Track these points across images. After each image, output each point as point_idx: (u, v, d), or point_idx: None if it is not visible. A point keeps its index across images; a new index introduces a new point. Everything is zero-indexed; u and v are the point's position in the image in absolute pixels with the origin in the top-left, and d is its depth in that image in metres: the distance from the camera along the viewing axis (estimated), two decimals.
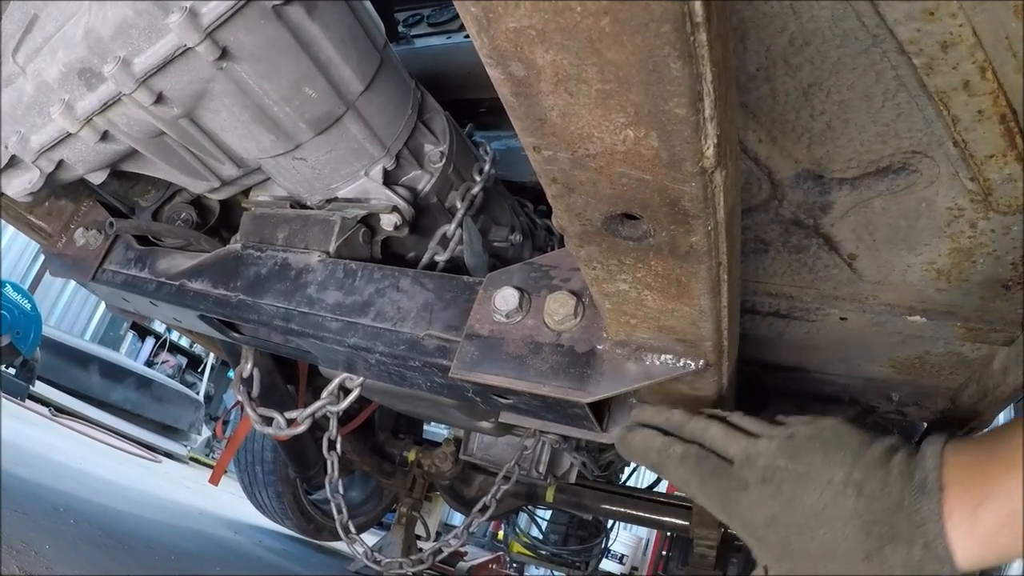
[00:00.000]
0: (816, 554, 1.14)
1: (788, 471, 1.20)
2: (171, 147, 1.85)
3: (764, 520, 1.20)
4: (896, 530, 1.07)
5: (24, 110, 1.70)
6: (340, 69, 1.71)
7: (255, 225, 2.07)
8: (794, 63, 1.23)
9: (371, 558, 3.21)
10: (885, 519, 1.08)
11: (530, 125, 0.85)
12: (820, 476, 1.16)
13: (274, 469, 5.00)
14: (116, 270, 2.30)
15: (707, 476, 1.29)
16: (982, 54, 1.09)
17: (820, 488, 1.15)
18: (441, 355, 1.64)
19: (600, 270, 1.15)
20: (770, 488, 1.20)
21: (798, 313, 1.90)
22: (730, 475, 1.26)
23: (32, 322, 9.41)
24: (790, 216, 1.58)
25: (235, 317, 1.99)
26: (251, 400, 2.46)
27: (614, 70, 0.73)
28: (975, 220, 1.43)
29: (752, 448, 1.26)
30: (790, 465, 1.20)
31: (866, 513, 1.10)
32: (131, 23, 1.50)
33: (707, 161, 0.83)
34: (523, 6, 0.68)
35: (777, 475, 1.20)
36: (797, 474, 1.18)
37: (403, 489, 4.74)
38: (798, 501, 1.16)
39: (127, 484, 5.76)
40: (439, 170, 1.99)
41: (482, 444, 3.82)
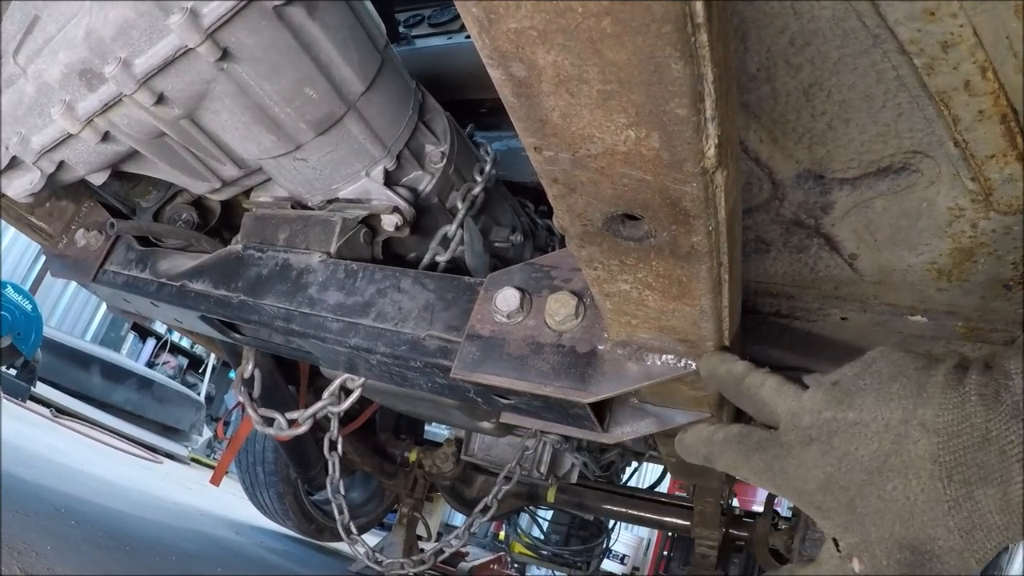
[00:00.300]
0: (890, 513, 0.96)
1: (837, 421, 1.03)
2: (172, 148, 1.85)
3: (819, 484, 1.04)
4: (987, 470, 0.90)
5: (25, 111, 1.70)
6: (341, 70, 1.71)
7: (256, 226, 2.07)
8: (795, 63, 1.23)
9: (372, 559, 3.21)
10: (970, 459, 0.91)
11: (531, 126, 0.85)
12: (876, 419, 1.00)
13: (275, 470, 5.00)
14: (117, 271, 2.30)
15: (751, 452, 1.14)
16: (983, 54, 1.09)
17: (878, 434, 0.99)
18: (442, 355, 1.64)
19: (601, 270, 1.15)
20: (819, 446, 1.04)
21: (799, 313, 1.90)
22: (774, 443, 1.11)
23: (33, 323, 9.42)
24: (791, 216, 1.58)
25: (236, 318, 1.99)
26: (252, 401, 2.46)
27: (615, 71, 0.73)
28: (976, 220, 1.42)
29: (796, 405, 1.10)
30: (838, 414, 1.04)
31: (945, 455, 0.92)
32: (132, 24, 1.50)
33: (708, 161, 0.83)
34: (524, 7, 0.68)
35: (825, 429, 1.04)
36: (848, 423, 1.02)
37: (404, 490, 4.75)
38: (854, 455, 1.00)
39: (128, 485, 5.76)
40: (440, 170, 1.99)
41: (483, 444, 3.83)
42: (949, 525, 0.92)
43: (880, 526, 0.98)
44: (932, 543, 0.94)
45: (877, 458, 0.98)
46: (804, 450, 1.06)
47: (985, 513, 0.90)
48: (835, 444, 1.02)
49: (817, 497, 1.05)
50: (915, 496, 0.94)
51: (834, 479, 1.02)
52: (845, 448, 1.01)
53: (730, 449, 1.18)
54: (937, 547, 0.94)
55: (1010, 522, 0.90)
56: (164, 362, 18.60)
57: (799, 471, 1.06)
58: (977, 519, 0.91)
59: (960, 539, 0.92)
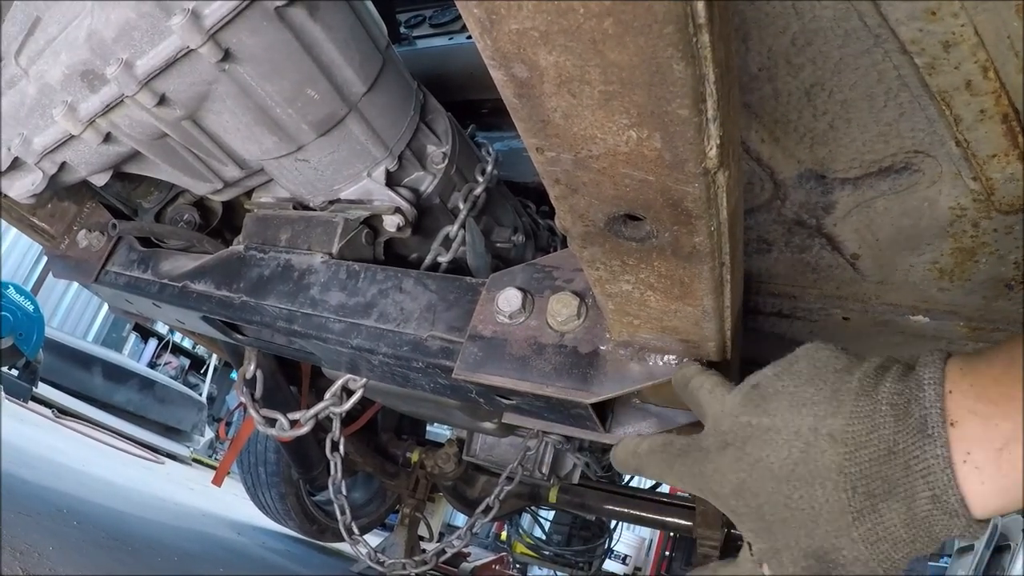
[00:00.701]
0: (795, 522, 0.96)
1: (752, 427, 1.03)
2: (174, 149, 1.85)
3: (733, 489, 1.03)
4: (892, 484, 0.89)
5: (27, 112, 1.70)
6: (342, 70, 1.71)
7: (258, 226, 2.07)
8: (796, 63, 1.23)
9: (374, 559, 3.22)
10: (875, 472, 0.90)
11: (533, 126, 0.85)
12: (788, 426, 0.99)
13: (277, 470, 5.01)
14: (119, 272, 2.30)
15: (674, 459, 1.14)
16: (984, 54, 1.09)
17: (788, 441, 0.98)
18: (444, 356, 1.64)
19: (603, 271, 1.15)
20: (734, 451, 1.04)
21: (801, 313, 1.90)
22: (696, 447, 1.11)
23: (35, 324, 9.43)
24: (793, 216, 1.58)
25: (238, 319, 1.99)
26: (254, 401, 2.46)
27: (617, 71, 0.73)
28: (978, 219, 1.42)
29: (719, 408, 1.11)
30: (753, 419, 1.03)
31: (850, 467, 0.92)
32: (134, 25, 1.50)
33: (710, 162, 0.83)
34: (526, 8, 0.69)
35: (740, 434, 1.04)
36: (762, 428, 1.02)
37: (406, 490, 4.75)
38: (764, 462, 0.99)
39: (130, 486, 5.76)
40: (442, 171, 1.99)
41: (485, 445, 3.83)
42: (853, 536, 0.92)
43: (786, 534, 0.98)
44: (836, 552, 0.94)
45: (786, 466, 0.97)
46: (720, 455, 1.06)
47: (890, 526, 0.90)
48: (748, 450, 1.02)
49: (731, 502, 1.05)
50: (820, 506, 0.94)
51: (746, 485, 1.02)
52: (757, 455, 1.01)
53: (655, 459, 1.19)
54: (842, 556, 0.94)
55: (916, 535, 0.90)
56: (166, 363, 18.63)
57: (716, 475, 1.06)
58: (882, 531, 0.91)
59: (865, 549, 0.92)
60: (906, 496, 0.88)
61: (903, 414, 0.91)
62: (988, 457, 0.84)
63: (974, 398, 0.88)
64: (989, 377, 0.88)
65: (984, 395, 0.87)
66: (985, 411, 0.86)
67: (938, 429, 0.87)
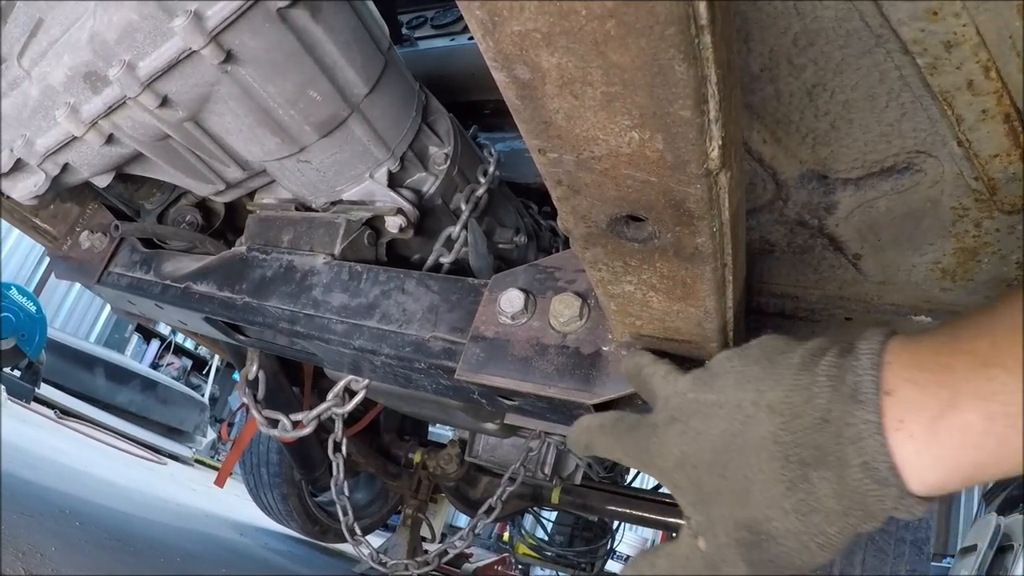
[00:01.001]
0: (729, 493, 0.96)
1: (698, 403, 1.03)
2: (176, 150, 1.85)
3: (675, 462, 1.03)
4: (823, 452, 0.88)
5: (29, 113, 1.70)
6: (344, 72, 1.71)
7: (260, 227, 2.07)
8: (798, 63, 1.23)
9: (377, 560, 3.22)
10: (808, 440, 0.89)
11: (535, 128, 0.85)
12: (730, 401, 0.99)
13: (279, 471, 5.01)
14: (121, 273, 2.30)
15: (623, 435, 1.15)
16: (986, 53, 1.09)
17: (730, 415, 0.98)
18: (447, 357, 1.64)
19: (605, 272, 1.15)
20: (679, 426, 1.04)
21: (803, 313, 1.90)
22: (644, 424, 1.12)
23: (37, 324, 9.44)
24: (795, 217, 1.58)
25: (240, 319, 1.99)
26: (256, 402, 2.46)
27: (619, 73, 0.73)
28: (980, 219, 1.42)
29: (671, 389, 1.11)
30: (700, 395, 1.04)
31: (783, 435, 0.91)
32: (136, 27, 1.50)
33: (712, 163, 0.83)
34: (528, 9, 0.69)
35: (687, 410, 1.05)
36: (707, 404, 1.02)
37: (408, 491, 4.74)
38: (706, 435, 1.00)
39: (132, 486, 5.77)
40: (444, 172, 1.99)
41: (487, 445, 3.83)
42: (785, 507, 0.91)
43: (721, 505, 0.97)
44: (768, 523, 0.93)
45: (724, 438, 0.97)
46: (667, 430, 1.06)
47: (821, 496, 0.88)
48: (692, 424, 1.03)
49: (673, 475, 1.05)
50: (754, 476, 0.93)
51: (687, 458, 1.02)
52: (699, 428, 1.01)
53: (605, 434, 1.19)
54: (773, 528, 0.93)
55: (848, 507, 0.88)
56: (168, 363, 18.62)
57: (660, 449, 1.06)
58: (813, 502, 0.89)
59: (797, 521, 0.91)
60: (837, 464, 0.87)
61: (839, 384, 0.89)
62: (923, 425, 0.83)
63: (913, 367, 0.86)
64: (930, 349, 0.87)
65: (922, 364, 0.86)
66: (921, 379, 0.85)
67: (870, 396, 0.86)
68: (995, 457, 0.80)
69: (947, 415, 0.81)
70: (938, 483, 0.83)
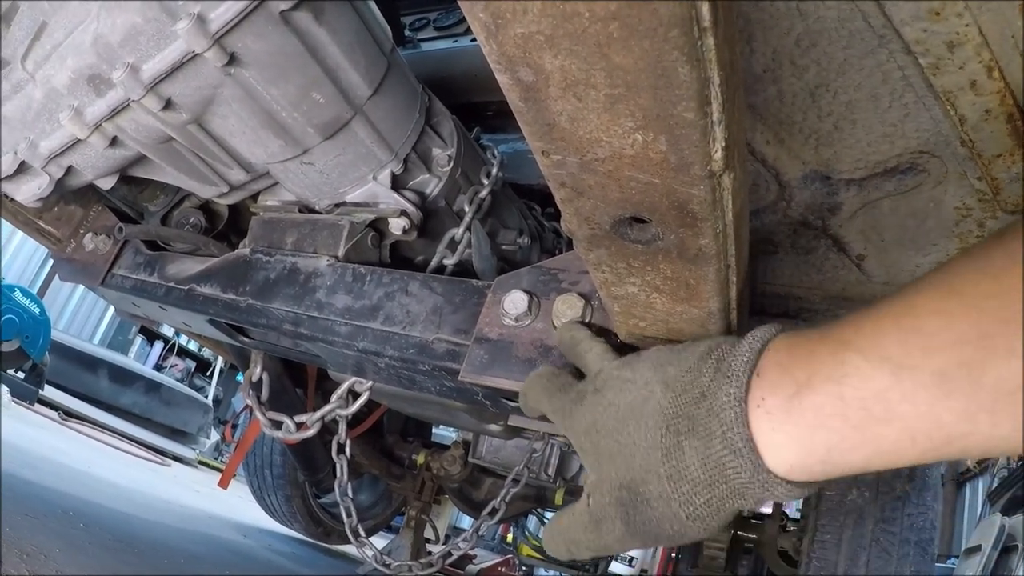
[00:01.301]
0: (618, 455, 1.03)
1: (618, 378, 1.12)
2: (180, 152, 1.85)
3: (586, 427, 1.12)
4: (695, 423, 0.95)
5: (33, 116, 1.70)
6: (348, 74, 1.71)
7: (264, 230, 2.07)
8: (801, 64, 1.23)
9: (380, 561, 3.22)
10: (686, 412, 0.96)
11: (539, 130, 0.85)
12: (640, 378, 1.07)
13: (283, 473, 5.01)
14: (125, 275, 2.30)
15: (555, 391, 1.24)
16: (988, 53, 1.09)
17: (637, 389, 1.06)
18: (451, 359, 1.64)
19: (609, 273, 1.15)
20: (597, 396, 1.13)
21: (807, 314, 1.90)
22: (574, 389, 1.21)
23: (41, 326, 9.46)
24: (798, 217, 1.58)
25: (244, 321, 1.99)
26: (260, 404, 2.47)
27: (622, 75, 0.73)
28: (983, 219, 1.42)
29: (603, 364, 1.20)
30: (622, 373, 1.12)
31: (669, 407, 0.98)
32: (140, 30, 1.50)
33: (715, 164, 0.83)
34: (531, 12, 0.69)
35: (608, 383, 1.13)
36: (624, 379, 1.10)
37: (412, 492, 4.74)
38: (614, 404, 1.08)
39: (136, 488, 5.77)
40: (447, 174, 2.00)
41: (491, 447, 3.83)
42: (660, 472, 0.97)
43: (609, 466, 1.05)
44: (645, 486, 0.99)
45: (627, 408, 1.05)
46: (588, 397, 1.15)
47: (689, 464, 0.94)
48: (607, 396, 1.11)
49: (581, 438, 1.13)
50: (640, 442, 1.00)
51: (596, 423, 1.10)
52: (612, 399, 1.09)
53: (539, 383, 1.29)
54: (648, 491, 0.99)
55: (713, 478, 0.93)
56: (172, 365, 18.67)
57: (578, 414, 1.15)
58: (683, 469, 0.95)
59: (668, 487, 0.96)
60: (705, 435, 0.93)
61: (721, 365, 0.97)
62: (779, 403, 0.87)
63: (784, 352, 0.92)
64: (805, 337, 0.91)
65: (793, 350, 0.91)
66: (787, 362, 0.90)
67: (739, 374, 0.92)
68: (850, 442, 0.83)
69: (801, 395, 0.85)
70: (796, 463, 0.87)
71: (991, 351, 0.74)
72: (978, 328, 0.75)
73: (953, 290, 0.79)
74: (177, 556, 3.55)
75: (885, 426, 0.80)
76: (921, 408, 0.77)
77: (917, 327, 0.79)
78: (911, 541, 2.96)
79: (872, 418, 0.80)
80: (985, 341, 0.74)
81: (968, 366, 0.75)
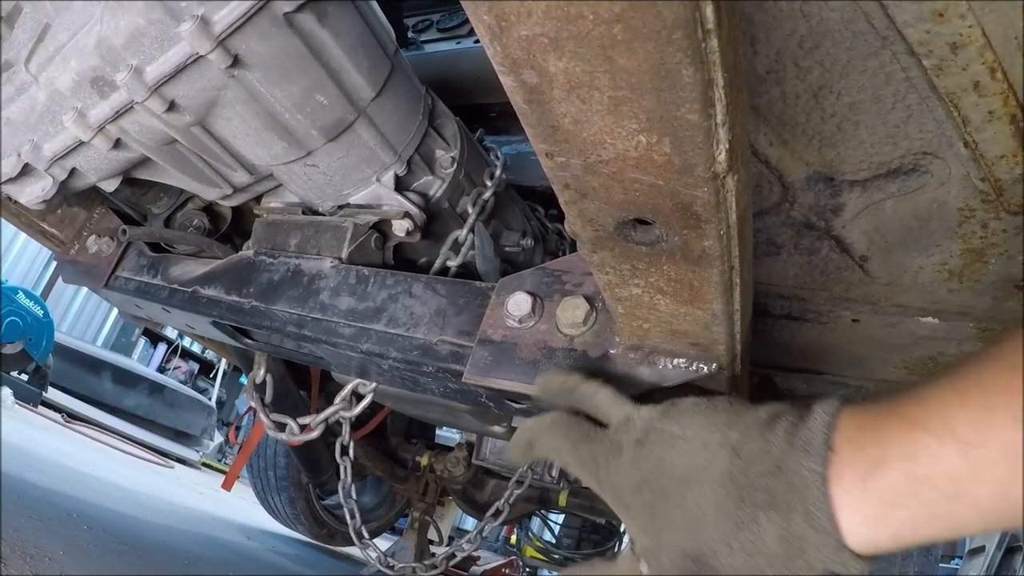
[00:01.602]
0: (682, 522, 1.01)
1: (665, 433, 1.08)
2: (183, 154, 1.85)
3: (633, 485, 1.08)
4: (774, 496, 0.93)
5: (37, 118, 1.71)
6: (351, 76, 1.71)
7: (267, 231, 2.08)
8: (804, 65, 1.23)
9: (384, 563, 3.22)
10: (762, 484, 0.94)
11: (543, 132, 0.86)
12: (697, 437, 1.04)
13: (287, 474, 5.01)
14: (129, 277, 2.30)
15: (579, 441, 1.18)
16: (992, 55, 1.09)
17: (695, 450, 1.03)
18: (454, 360, 1.64)
19: (613, 275, 1.15)
20: (642, 450, 1.08)
21: (810, 315, 1.90)
22: (604, 439, 1.16)
23: (44, 328, 9.47)
24: (801, 218, 1.58)
25: (248, 323, 1.99)
26: (264, 406, 2.47)
27: (626, 77, 0.73)
28: (987, 220, 1.42)
29: (633, 411, 1.15)
30: (667, 427, 1.08)
31: (741, 477, 0.96)
32: (143, 32, 1.50)
33: (719, 166, 0.83)
34: (536, 14, 0.69)
35: (653, 436, 1.09)
36: (673, 435, 1.06)
37: (416, 494, 4.74)
38: (668, 463, 1.04)
39: (140, 490, 5.78)
40: (450, 175, 2.00)
41: (495, 448, 3.83)
42: (733, 544, 0.95)
43: (671, 533, 1.02)
44: (714, 558, 0.97)
45: (686, 471, 1.02)
46: (629, 451, 1.10)
47: (767, 539, 0.93)
48: (656, 452, 1.07)
49: (628, 497, 1.09)
50: (708, 510, 0.98)
51: (646, 483, 1.06)
52: (663, 456, 1.06)
53: (555, 433, 1.22)
54: (719, 563, 0.97)
55: (790, 552, 0.92)
56: (175, 367, 18.68)
57: (620, 469, 1.10)
58: (759, 543, 0.93)
59: (741, 559, 0.95)
60: (785, 509, 0.91)
61: (793, 438, 0.95)
62: (854, 481, 0.88)
63: (854, 428, 0.92)
64: (871, 413, 0.92)
65: (862, 426, 0.91)
66: (859, 439, 0.90)
67: (818, 449, 0.91)
68: (921, 519, 0.84)
69: (875, 473, 0.86)
70: (869, 539, 0.87)
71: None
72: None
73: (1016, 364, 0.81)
74: (181, 558, 3.56)
75: (955, 503, 0.81)
76: (992, 485, 0.79)
77: (984, 405, 0.81)
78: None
79: (943, 496, 0.82)
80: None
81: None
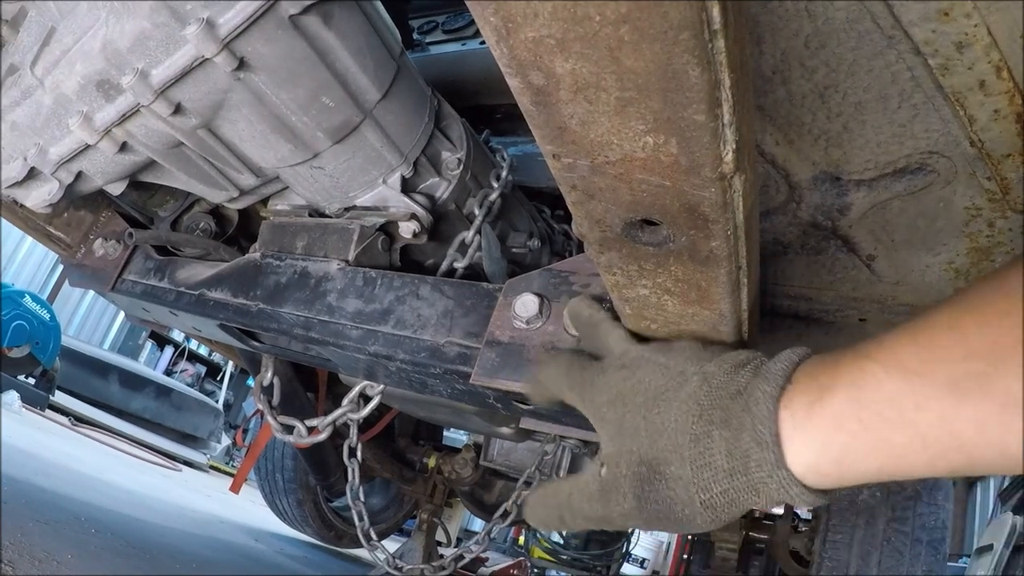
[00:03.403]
0: (644, 432, 1.08)
1: (649, 360, 1.17)
2: (189, 157, 1.86)
3: (609, 398, 1.17)
4: (728, 415, 1.00)
5: (43, 122, 1.71)
6: (357, 78, 1.71)
7: (274, 234, 2.08)
8: (810, 65, 1.23)
9: (392, 565, 3.22)
10: (721, 404, 1.02)
11: (550, 133, 0.86)
12: (677, 367, 1.13)
13: (294, 477, 5.01)
14: (135, 280, 2.31)
15: (573, 368, 1.28)
16: (997, 54, 1.09)
17: (671, 375, 1.11)
18: (462, 362, 1.64)
19: (620, 276, 1.15)
20: (625, 372, 1.18)
21: (817, 315, 1.90)
22: (596, 365, 1.26)
23: (51, 332, 9.48)
24: (808, 218, 1.58)
25: (255, 326, 2.00)
26: (271, 408, 2.47)
27: (633, 78, 0.73)
28: (993, 219, 1.42)
29: (630, 347, 1.25)
30: (654, 356, 1.17)
31: (704, 399, 1.04)
32: (149, 35, 1.51)
33: (726, 166, 0.83)
34: (542, 16, 0.69)
35: (638, 363, 1.18)
36: (657, 363, 1.16)
37: (423, 495, 4.74)
38: (644, 383, 1.13)
39: (148, 493, 5.78)
40: (457, 177, 2.00)
41: (502, 450, 3.83)
42: (684, 455, 1.02)
43: (633, 441, 1.10)
44: (666, 466, 1.04)
45: (659, 389, 1.10)
46: (613, 372, 1.20)
47: (715, 452, 0.99)
48: (637, 373, 1.16)
49: (603, 409, 1.18)
50: (669, 423, 1.05)
51: (620, 397, 1.15)
52: (642, 377, 1.15)
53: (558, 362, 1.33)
54: (669, 471, 1.04)
55: (734, 467, 0.97)
56: (182, 370, 18.67)
57: (601, 386, 1.20)
58: (708, 456, 1.00)
59: (690, 471, 1.01)
60: (736, 427, 0.98)
61: (759, 371, 1.03)
62: (803, 406, 0.93)
63: (815, 365, 0.98)
64: (836, 353, 0.96)
65: (823, 363, 0.96)
66: (815, 371, 0.96)
67: (775, 376, 0.98)
68: (863, 445, 0.87)
69: (823, 398, 0.91)
70: (812, 464, 0.92)
71: (1000, 364, 0.78)
72: (989, 343, 0.80)
73: (969, 308, 0.84)
74: (189, 561, 3.56)
75: (898, 431, 0.84)
76: (932, 414, 0.82)
77: (932, 340, 0.85)
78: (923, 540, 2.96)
79: (885, 422, 0.85)
80: (995, 355, 0.79)
81: (978, 378, 0.79)
